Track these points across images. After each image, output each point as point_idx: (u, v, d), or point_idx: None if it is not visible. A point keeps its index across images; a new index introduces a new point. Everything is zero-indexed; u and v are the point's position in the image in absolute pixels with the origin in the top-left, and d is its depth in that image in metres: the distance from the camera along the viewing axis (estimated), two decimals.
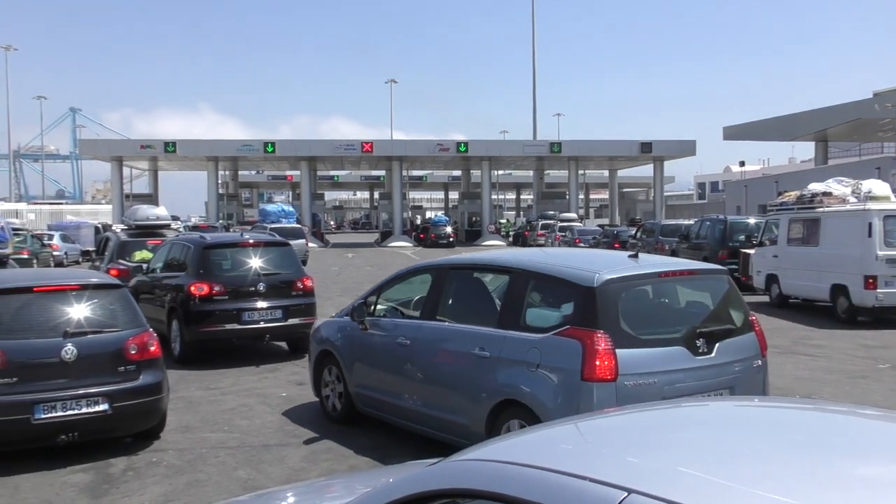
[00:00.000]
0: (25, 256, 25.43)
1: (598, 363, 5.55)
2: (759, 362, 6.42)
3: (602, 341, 5.60)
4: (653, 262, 6.86)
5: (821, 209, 16.38)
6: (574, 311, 5.90)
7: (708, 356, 5.97)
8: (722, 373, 6.06)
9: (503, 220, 77.31)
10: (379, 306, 7.93)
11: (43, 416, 6.78)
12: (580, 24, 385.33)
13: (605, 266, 6.09)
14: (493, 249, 36.95)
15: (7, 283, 7.44)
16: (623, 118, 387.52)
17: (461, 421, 6.55)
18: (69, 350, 6.97)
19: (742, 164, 71.78)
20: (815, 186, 17.46)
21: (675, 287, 6.56)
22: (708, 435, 2.21)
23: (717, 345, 6.05)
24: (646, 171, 68.56)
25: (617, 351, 5.60)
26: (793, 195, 18.31)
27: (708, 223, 24.21)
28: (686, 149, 57.62)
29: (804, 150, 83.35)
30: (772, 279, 18.04)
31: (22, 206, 73.04)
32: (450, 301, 7.20)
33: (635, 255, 6.55)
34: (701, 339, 5.97)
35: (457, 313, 7.05)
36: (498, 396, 6.14)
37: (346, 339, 8.08)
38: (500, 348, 6.21)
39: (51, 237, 35.68)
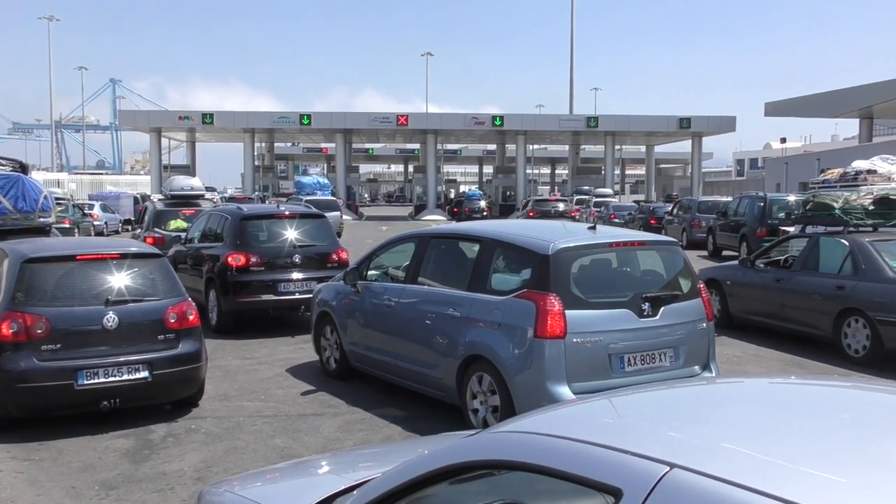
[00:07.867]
0: (67, 226, 25.96)
1: (549, 322, 6.12)
2: (704, 325, 6.90)
3: (553, 303, 6.16)
4: (607, 234, 7.45)
5: (865, 187, 16.02)
6: (531, 275, 6.50)
7: (652, 318, 6.49)
8: (665, 333, 6.57)
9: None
10: (370, 271, 8.58)
11: (85, 382, 6.93)
12: None
13: (562, 236, 6.72)
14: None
15: (51, 251, 7.58)
16: (662, 93, 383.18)
17: (436, 375, 7.19)
18: (111, 318, 7.10)
19: (783, 140, 70.39)
20: (859, 164, 17.04)
21: (629, 256, 7.16)
22: (748, 411, 2.17)
23: (662, 308, 6.55)
24: (684, 146, 67.64)
25: (567, 312, 6.17)
26: (836, 173, 17.89)
27: (747, 200, 23.82)
28: (725, 125, 56.62)
29: (847, 128, 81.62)
30: None
31: (63, 175, 74.22)
32: (429, 267, 7.83)
33: (593, 227, 7.14)
34: (647, 303, 6.49)
35: (434, 277, 7.72)
36: (466, 352, 6.76)
37: (340, 301, 8.76)
38: (468, 309, 6.83)
39: (91, 207, 36.18)
